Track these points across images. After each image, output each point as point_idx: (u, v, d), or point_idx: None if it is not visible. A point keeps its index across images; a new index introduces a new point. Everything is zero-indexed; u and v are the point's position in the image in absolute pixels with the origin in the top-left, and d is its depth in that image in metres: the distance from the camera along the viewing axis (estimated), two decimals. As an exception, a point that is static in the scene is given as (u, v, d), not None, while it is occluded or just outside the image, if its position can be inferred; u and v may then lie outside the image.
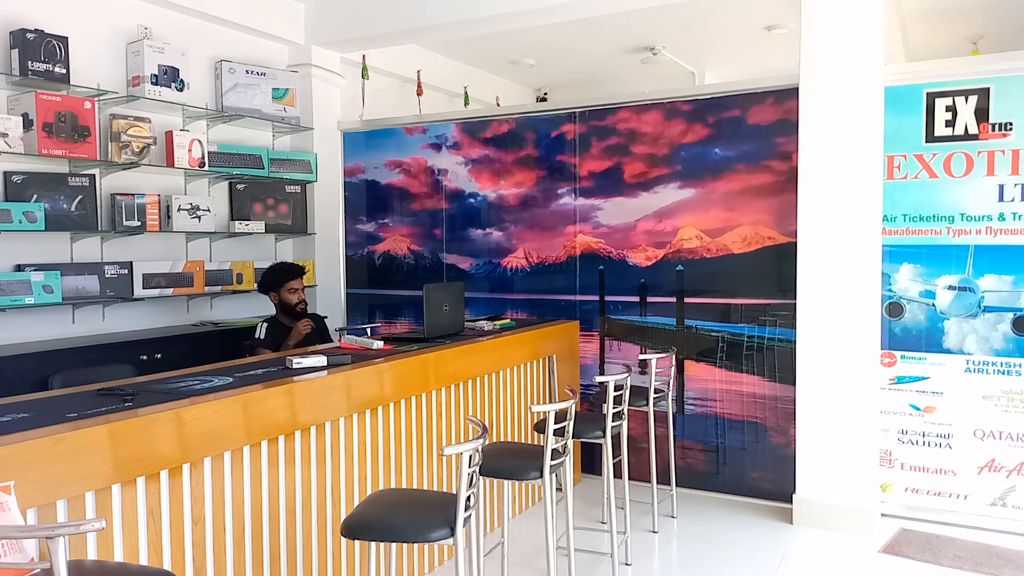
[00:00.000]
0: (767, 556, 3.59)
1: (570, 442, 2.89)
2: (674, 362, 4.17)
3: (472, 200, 5.11)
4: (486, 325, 4.18)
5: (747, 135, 4.28)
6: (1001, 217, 3.77)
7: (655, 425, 3.97)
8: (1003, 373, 3.77)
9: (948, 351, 3.88)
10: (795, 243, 4.00)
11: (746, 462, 4.32)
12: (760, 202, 4.25)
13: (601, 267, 4.70)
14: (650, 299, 4.57)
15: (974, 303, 3.82)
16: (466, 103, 6.95)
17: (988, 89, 3.77)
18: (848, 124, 3.85)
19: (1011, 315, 3.76)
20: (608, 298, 4.70)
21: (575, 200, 4.77)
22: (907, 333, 3.97)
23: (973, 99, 3.80)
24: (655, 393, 3.86)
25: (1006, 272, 3.76)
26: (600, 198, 4.69)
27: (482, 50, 6.61)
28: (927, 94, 3.89)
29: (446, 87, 6.81)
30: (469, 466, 2.14)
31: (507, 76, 7.56)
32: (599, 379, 3.31)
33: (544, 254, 4.89)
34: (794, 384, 4.02)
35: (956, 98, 3.84)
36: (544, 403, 4.27)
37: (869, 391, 3.82)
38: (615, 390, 3.26)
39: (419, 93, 6.32)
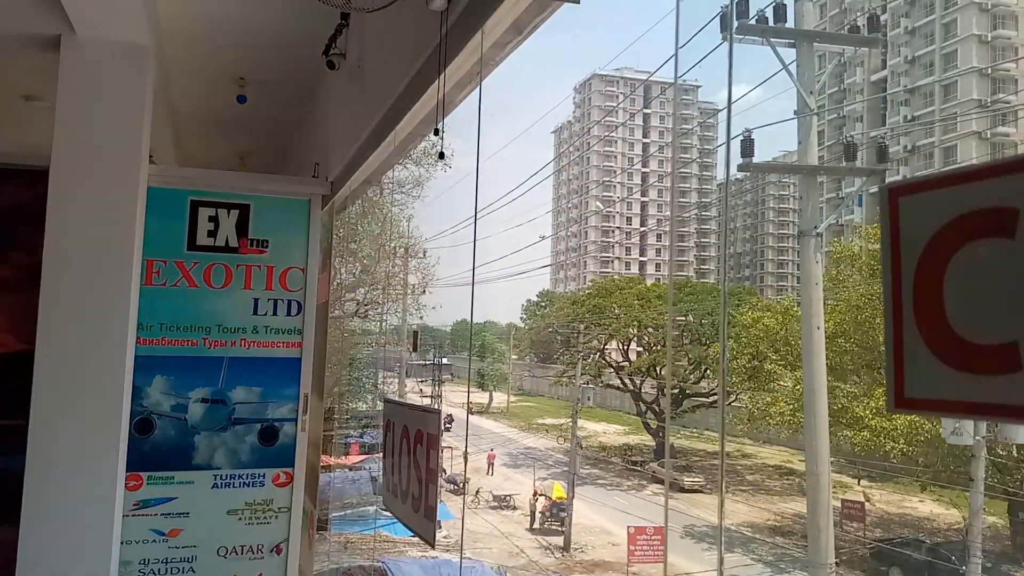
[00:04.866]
0: None
1: None
2: None
3: None
4: None
5: (-18, 215, 3.48)
6: (255, 330, 3.91)
7: None
8: (248, 485, 3.84)
9: (198, 467, 3.76)
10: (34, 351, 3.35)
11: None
12: (-8, 298, 3.47)
13: None
14: None
15: (225, 416, 3.82)
16: None
17: (249, 205, 3.95)
18: (104, 220, 3.47)
19: (259, 426, 3.88)
20: None
21: None
22: (157, 451, 3.71)
23: (235, 213, 3.92)
24: None
25: (256, 384, 3.89)
26: None
27: None
28: (192, 202, 3.87)
29: None
30: None
31: None
32: None
33: None
34: (19, 525, 3.28)
35: (220, 209, 3.91)
36: None
37: (110, 524, 3.37)
38: None
39: None
